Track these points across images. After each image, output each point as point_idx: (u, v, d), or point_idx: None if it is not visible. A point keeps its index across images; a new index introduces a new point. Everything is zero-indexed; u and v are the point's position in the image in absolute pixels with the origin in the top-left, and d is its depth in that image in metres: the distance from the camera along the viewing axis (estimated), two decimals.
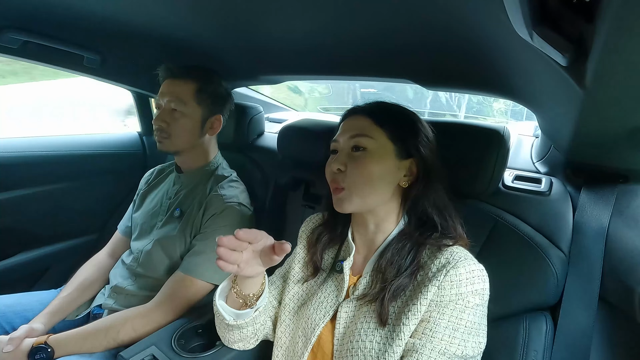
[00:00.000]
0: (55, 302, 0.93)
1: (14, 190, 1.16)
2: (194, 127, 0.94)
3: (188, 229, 0.92)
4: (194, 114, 0.93)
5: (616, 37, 0.32)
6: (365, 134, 0.61)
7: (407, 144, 0.61)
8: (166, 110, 0.92)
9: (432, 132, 0.65)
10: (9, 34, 0.92)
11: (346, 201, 0.60)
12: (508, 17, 0.42)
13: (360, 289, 0.61)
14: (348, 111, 0.68)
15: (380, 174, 0.60)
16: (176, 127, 0.91)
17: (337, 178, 0.61)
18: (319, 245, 0.69)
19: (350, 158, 0.61)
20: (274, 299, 0.72)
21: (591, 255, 0.69)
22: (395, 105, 0.67)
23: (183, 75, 0.93)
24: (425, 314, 0.54)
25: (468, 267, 0.55)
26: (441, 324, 0.53)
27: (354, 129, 0.62)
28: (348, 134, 0.62)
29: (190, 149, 0.96)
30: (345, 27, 0.73)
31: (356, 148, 0.61)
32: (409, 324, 0.53)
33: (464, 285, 0.54)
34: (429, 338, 0.52)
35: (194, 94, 0.93)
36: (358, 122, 0.63)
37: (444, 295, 0.54)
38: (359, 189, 0.59)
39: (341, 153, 0.63)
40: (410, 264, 0.57)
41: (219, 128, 0.99)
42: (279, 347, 0.66)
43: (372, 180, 0.59)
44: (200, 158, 1.00)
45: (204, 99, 0.94)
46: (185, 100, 0.92)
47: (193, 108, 0.93)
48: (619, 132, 0.56)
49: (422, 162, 0.62)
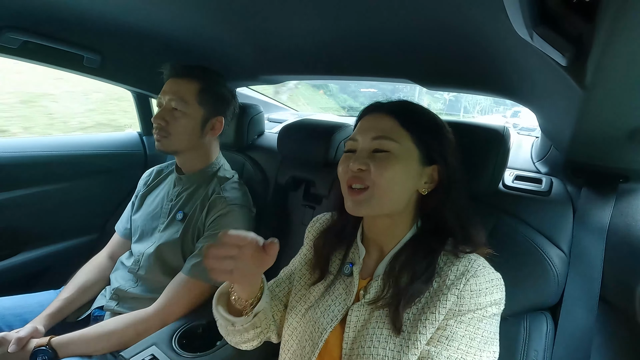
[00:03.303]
0: (54, 303, 0.93)
1: (14, 190, 1.16)
2: (194, 128, 0.93)
3: (191, 231, 0.92)
4: (195, 114, 0.92)
5: (616, 37, 0.32)
6: (389, 137, 0.56)
7: (431, 150, 0.57)
8: (167, 108, 0.91)
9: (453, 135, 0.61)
10: (9, 34, 0.92)
11: (364, 204, 0.56)
12: (508, 17, 0.42)
13: (372, 292, 0.58)
14: (368, 108, 0.62)
15: (402, 180, 0.56)
16: (176, 127, 0.90)
17: (360, 176, 0.56)
18: (326, 249, 0.67)
19: (372, 159, 0.56)
20: (280, 301, 0.70)
21: (591, 255, 0.69)
22: (421, 107, 0.62)
23: (187, 75, 0.92)
24: (442, 322, 0.52)
25: (487, 277, 0.53)
26: (458, 333, 0.51)
27: (377, 130, 0.57)
28: (370, 134, 0.57)
29: (190, 149, 0.95)
30: (346, 28, 0.73)
31: (378, 150, 0.56)
32: (426, 332, 0.52)
33: (484, 295, 0.52)
34: (445, 346, 0.51)
35: (197, 94, 0.92)
36: (382, 122, 0.58)
37: (463, 305, 0.52)
38: (381, 191, 0.55)
39: (361, 152, 0.57)
40: (426, 269, 0.55)
41: (220, 130, 0.98)
42: (286, 350, 0.64)
43: (394, 185, 0.55)
44: (201, 159, 0.99)
45: (206, 99, 0.93)
46: (187, 99, 0.91)
47: (194, 108, 0.92)
48: (619, 131, 0.56)
49: (446, 169, 0.58)
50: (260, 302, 0.60)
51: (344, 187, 0.59)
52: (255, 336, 0.64)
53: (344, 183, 0.59)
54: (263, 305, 0.60)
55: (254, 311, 0.59)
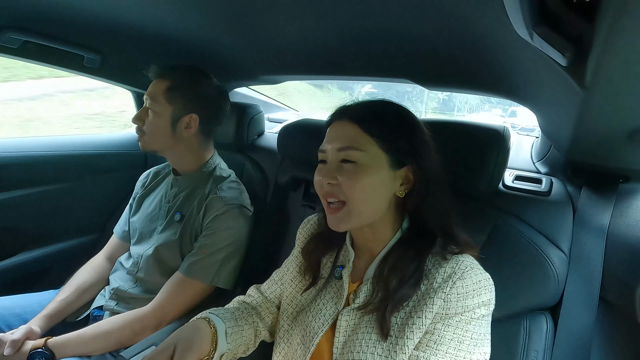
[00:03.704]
0: (52, 305, 0.92)
1: (14, 190, 1.16)
2: (164, 126, 0.92)
3: (189, 232, 0.91)
4: (164, 113, 0.91)
5: (616, 37, 0.32)
6: (354, 147, 0.55)
7: (401, 153, 0.56)
8: (144, 109, 0.93)
9: (430, 133, 0.59)
10: (9, 34, 0.92)
11: (344, 221, 0.56)
12: (508, 17, 0.42)
13: (362, 297, 0.58)
14: (333, 115, 0.61)
15: (374, 188, 0.55)
16: (148, 125, 0.92)
17: (332, 192, 0.56)
18: (317, 254, 0.67)
19: (341, 171, 0.55)
20: (272, 303, 0.71)
21: (591, 255, 0.69)
22: (388, 104, 0.60)
23: (159, 75, 0.93)
24: (430, 326, 0.52)
25: (475, 278, 0.53)
26: (446, 337, 0.51)
27: (342, 140, 0.56)
28: (336, 145, 0.56)
29: (170, 148, 0.95)
30: (345, 27, 0.73)
31: (346, 160, 0.55)
32: (413, 337, 0.51)
33: (471, 297, 0.52)
34: (434, 351, 0.51)
35: (164, 92, 0.91)
36: (346, 131, 0.56)
37: (450, 308, 0.52)
38: (357, 205, 0.55)
39: (330, 165, 0.57)
40: (413, 272, 0.54)
41: (195, 127, 0.95)
42: (278, 353, 0.64)
43: (367, 195, 0.55)
44: (193, 159, 0.98)
45: (174, 97, 0.92)
46: (157, 98, 0.91)
47: (163, 106, 0.91)
48: (619, 131, 0.56)
49: (419, 169, 0.56)
50: (219, 346, 0.58)
51: (323, 201, 0.59)
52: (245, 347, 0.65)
53: (321, 197, 0.59)
54: (224, 348, 0.59)
55: (217, 355, 0.58)
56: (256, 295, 0.73)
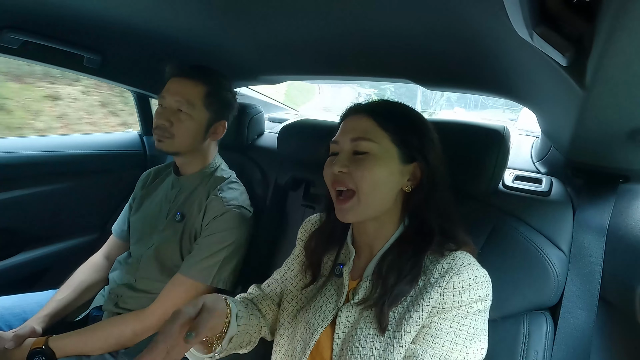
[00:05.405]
0: (51, 304, 0.92)
1: (14, 190, 1.16)
2: (198, 131, 0.92)
3: (189, 232, 0.91)
4: (201, 118, 0.91)
5: (616, 37, 0.32)
6: (368, 138, 0.57)
7: (411, 148, 0.58)
8: (171, 109, 0.89)
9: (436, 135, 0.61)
10: (9, 34, 0.92)
11: (352, 212, 0.57)
12: (508, 17, 0.42)
13: (361, 293, 0.59)
14: (348, 110, 0.64)
15: (384, 180, 0.57)
16: (180, 128, 0.89)
17: (342, 179, 0.57)
18: (317, 252, 0.67)
19: (352, 161, 0.57)
20: (272, 301, 0.71)
21: (591, 255, 0.69)
22: (400, 104, 0.63)
23: (194, 76, 0.90)
24: (427, 320, 0.53)
25: (471, 273, 0.54)
26: (443, 330, 0.52)
27: (356, 131, 0.58)
28: (349, 136, 0.58)
29: (191, 151, 0.95)
30: (346, 28, 0.73)
31: (358, 152, 0.57)
32: (410, 330, 0.52)
33: (467, 291, 0.52)
34: (430, 344, 0.52)
35: (204, 98, 0.90)
36: (360, 124, 0.59)
37: (446, 302, 0.52)
38: (366, 195, 0.56)
39: (342, 155, 0.59)
40: (411, 269, 0.55)
41: (222, 134, 0.97)
42: (278, 351, 0.65)
43: (377, 186, 0.56)
44: (200, 161, 0.98)
45: (212, 103, 0.92)
46: (194, 102, 0.89)
47: (200, 111, 0.90)
48: (619, 132, 0.56)
49: (427, 167, 0.58)
50: (230, 328, 0.56)
51: (331, 191, 0.60)
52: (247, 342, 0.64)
53: (330, 187, 0.60)
54: (234, 330, 0.57)
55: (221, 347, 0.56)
56: (257, 292, 0.73)
